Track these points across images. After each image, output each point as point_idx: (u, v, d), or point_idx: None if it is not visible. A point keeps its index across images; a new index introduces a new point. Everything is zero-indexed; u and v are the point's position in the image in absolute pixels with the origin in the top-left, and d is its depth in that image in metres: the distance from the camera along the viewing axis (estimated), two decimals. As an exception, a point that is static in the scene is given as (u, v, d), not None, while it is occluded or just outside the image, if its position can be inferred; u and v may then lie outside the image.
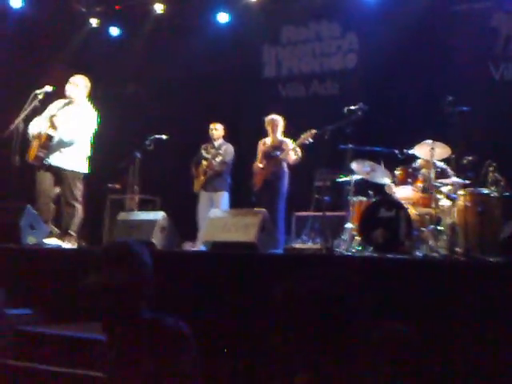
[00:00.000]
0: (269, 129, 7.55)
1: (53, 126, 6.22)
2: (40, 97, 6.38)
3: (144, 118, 9.66)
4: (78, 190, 6.38)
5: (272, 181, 7.29)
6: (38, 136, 6.33)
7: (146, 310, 2.32)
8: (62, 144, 6.26)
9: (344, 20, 9.39)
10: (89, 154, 6.59)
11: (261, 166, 7.41)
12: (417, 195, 5.82)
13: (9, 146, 6.30)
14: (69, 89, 6.43)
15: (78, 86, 6.46)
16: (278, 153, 7.33)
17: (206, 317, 4.61)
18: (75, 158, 6.36)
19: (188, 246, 7.04)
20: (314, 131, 6.90)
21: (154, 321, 2.29)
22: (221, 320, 4.59)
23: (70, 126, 6.24)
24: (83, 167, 6.51)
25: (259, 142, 7.64)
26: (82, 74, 6.76)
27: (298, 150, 7.20)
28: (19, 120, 6.26)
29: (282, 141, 7.47)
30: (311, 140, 6.97)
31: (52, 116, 6.29)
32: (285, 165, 7.41)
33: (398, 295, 4.13)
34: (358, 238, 5.77)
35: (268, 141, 7.59)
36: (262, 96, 9.82)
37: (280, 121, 7.53)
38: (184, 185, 8.16)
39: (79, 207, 6.39)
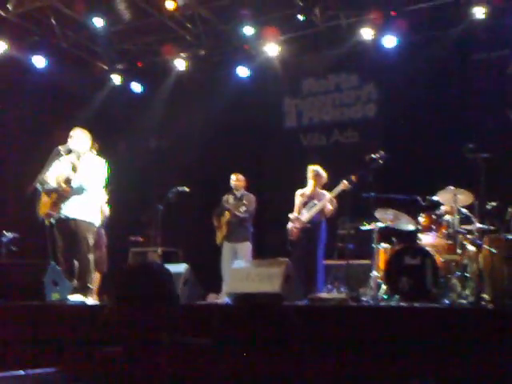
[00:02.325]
0: (311, 180, 7.44)
1: (74, 169, 6.24)
2: (63, 153, 6.34)
3: (166, 172, 9.79)
4: (91, 242, 6.36)
5: (310, 229, 7.19)
6: (49, 191, 6.29)
7: (166, 333, 2.29)
8: (78, 193, 6.24)
9: (362, 71, 9.57)
10: (103, 204, 6.55)
11: (298, 215, 7.31)
12: (442, 242, 5.76)
13: (32, 203, 6.36)
14: (71, 143, 6.40)
15: (79, 138, 6.46)
16: (316, 202, 7.28)
17: (231, 368, 4.56)
18: (88, 209, 6.31)
19: (212, 298, 6.99)
20: (353, 177, 6.82)
21: (175, 343, 2.28)
22: (246, 371, 4.52)
23: (82, 176, 6.27)
24: (96, 219, 6.46)
25: (297, 192, 7.54)
26: (96, 129, 6.82)
27: (334, 200, 7.12)
28: (42, 176, 6.25)
29: (321, 193, 7.38)
30: (352, 186, 6.86)
31: (73, 164, 6.31)
32: (322, 214, 7.30)
33: (427, 343, 4.04)
34: (384, 287, 5.69)
35: (307, 191, 7.49)
36: (283, 146, 9.96)
37: (324, 175, 7.42)
38: (206, 236, 8.16)
39: (92, 259, 6.36)
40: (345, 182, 6.89)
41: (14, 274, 5.95)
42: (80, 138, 6.44)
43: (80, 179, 6.21)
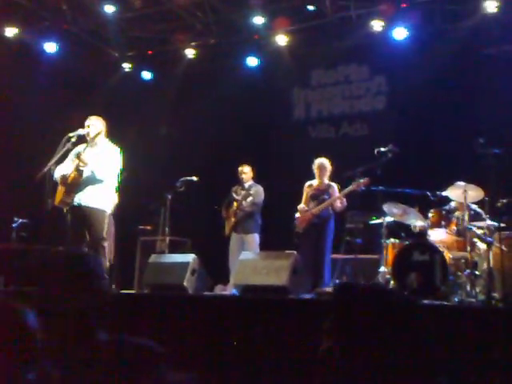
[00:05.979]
0: (316, 172, 7.38)
1: (82, 161, 6.25)
2: (73, 140, 6.34)
3: (175, 160, 9.78)
4: (105, 229, 6.35)
5: (319, 224, 7.14)
6: (64, 179, 6.31)
7: (102, 331, 2.10)
8: (91, 181, 6.23)
9: (373, 63, 9.51)
10: (115, 192, 6.58)
11: (306, 208, 7.25)
12: (451, 238, 5.73)
13: (41, 189, 6.37)
14: (87, 130, 6.39)
15: (96, 126, 6.46)
16: (326, 196, 7.20)
17: (235, 360, 4.58)
18: (102, 197, 6.31)
19: (219, 289, 6.99)
20: (367, 180, 6.69)
21: (113, 342, 2.09)
22: (251, 364, 4.54)
23: (96, 164, 6.27)
24: (109, 206, 6.47)
25: (305, 185, 7.49)
26: (106, 115, 6.79)
27: (344, 199, 7.04)
28: (52, 163, 6.25)
29: (329, 185, 7.32)
30: (364, 188, 6.74)
31: (79, 153, 6.32)
32: (331, 209, 7.25)
33: (435, 342, 4.03)
34: (392, 282, 5.68)
35: (314, 183, 7.44)
36: (291, 137, 9.91)
37: (328, 165, 7.34)
38: (215, 227, 8.16)
39: (107, 246, 6.37)
40: (357, 183, 6.77)
41: (23, 259, 5.97)
42: (95, 126, 6.43)
43: (92, 169, 6.20)
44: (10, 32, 9.18)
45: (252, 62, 9.99)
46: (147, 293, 6.02)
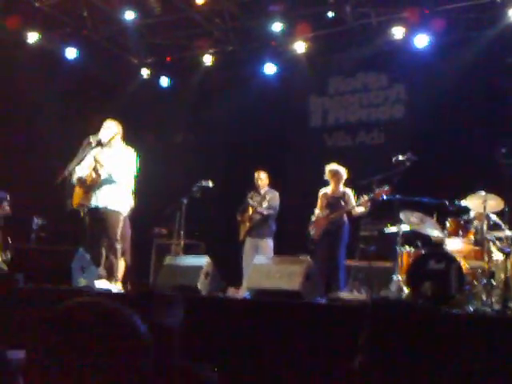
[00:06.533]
0: (331, 179, 7.36)
1: (99, 163, 6.32)
2: (93, 143, 6.45)
3: (191, 166, 9.82)
4: (119, 231, 6.42)
5: (333, 230, 7.13)
6: (82, 181, 6.42)
7: (177, 357, 2.23)
8: (108, 182, 6.34)
9: (392, 71, 9.45)
10: (131, 194, 6.63)
11: (322, 214, 7.24)
12: (468, 248, 5.65)
13: (61, 191, 6.44)
14: (103, 133, 6.50)
15: (111, 129, 6.56)
16: (343, 203, 7.19)
17: (247, 364, 4.55)
18: (119, 199, 6.41)
19: (232, 292, 6.98)
20: (389, 188, 6.51)
21: (186, 368, 2.19)
22: (261, 369, 4.51)
23: (113, 166, 6.34)
24: (125, 208, 6.55)
25: (320, 192, 7.47)
26: (125, 121, 6.85)
27: (369, 204, 6.95)
28: (72, 166, 6.34)
29: (344, 192, 7.31)
30: (385, 197, 6.62)
31: (96, 155, 6.40)
32: (345, 215, 7.24)
33: (448, 350, 3.97)
34: (406, 290, 5.61)
35: (328, 190, 7.42)
36: (307, 145, 9.89)
37: (342, 172, 7.32)
38: (229, 231, 8.18)
39: (119, 248, 6.42)
40: (380, 191, 6.63)
41: (43, 258, 6.06)
42: (111, 129, 6.52)
43: (109, 170, 6.29)
44: (32, 37, 9.36)
45: (269, 69, 9.99)
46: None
